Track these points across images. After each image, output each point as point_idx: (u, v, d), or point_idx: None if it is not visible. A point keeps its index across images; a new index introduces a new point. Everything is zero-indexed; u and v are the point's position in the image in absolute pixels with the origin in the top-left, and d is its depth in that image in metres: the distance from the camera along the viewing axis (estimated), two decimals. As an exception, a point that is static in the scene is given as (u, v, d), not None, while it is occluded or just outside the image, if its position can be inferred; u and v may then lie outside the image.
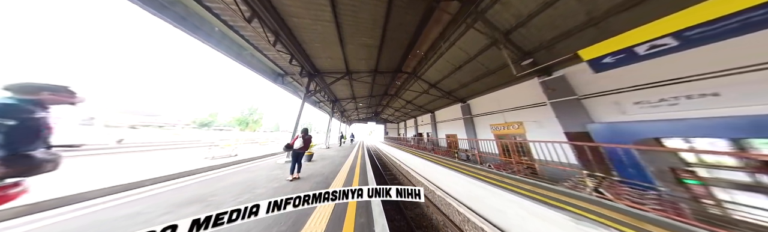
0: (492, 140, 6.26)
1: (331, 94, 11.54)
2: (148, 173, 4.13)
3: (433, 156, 6.91)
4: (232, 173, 4.24)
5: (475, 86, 7.82)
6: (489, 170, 4.33)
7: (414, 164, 6.95)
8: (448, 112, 11.90)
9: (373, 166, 7.11)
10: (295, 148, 3.75)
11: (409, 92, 11.81)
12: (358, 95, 13.27)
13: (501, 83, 6.94)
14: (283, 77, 6.87)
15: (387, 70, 8.54)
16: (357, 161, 6.77)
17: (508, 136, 6.49)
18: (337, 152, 9.17)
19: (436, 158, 6.51)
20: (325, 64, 7.00)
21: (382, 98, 15.69)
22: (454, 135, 10.89)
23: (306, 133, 4.06)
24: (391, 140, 20.80)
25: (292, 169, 3.68)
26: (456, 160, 6.24)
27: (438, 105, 12.69)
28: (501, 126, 6.83)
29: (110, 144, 9.84)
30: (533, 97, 5.67)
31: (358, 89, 11.54)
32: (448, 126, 12.00)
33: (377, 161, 11.42)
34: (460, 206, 3.66)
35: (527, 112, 6.01)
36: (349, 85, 10.24)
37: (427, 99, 12.19)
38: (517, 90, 6.47)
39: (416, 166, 7.06)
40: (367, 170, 4.95)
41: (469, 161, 6.60)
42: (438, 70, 7.80)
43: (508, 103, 6.75)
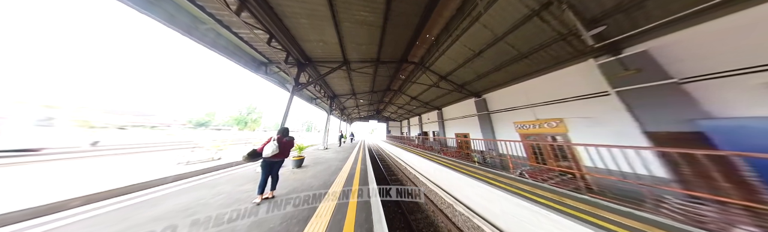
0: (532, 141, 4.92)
1: (328, 90, 10.40)
2: (86, 188, 3.12)
3: (445, 160, 5.79)
4: (187, 188, 3.14)
5: (495, 77, 6.61)
6: (524, 181, 3.21)
7: (425, 169, 5.84)
8: (459, 109, 10.73)
9: (377, 173, 6.02)
10: (266, 156, 2.62)
11: (416, 86, 10.64)
12: (359, 91, 12.12)
13: (532, 71, 5.67)
14: (266, 66, 5.73)
15: (391, 59, 7.36)
16: (357, 165, 5.67)
17: (540, 136, 5.31)
18: (335, 154, 8.09)
19: (449, 161, 5.39)
20: (317, 51, 5.85)
21: (384, 94, 14.53)
22: (466, 134, 9.75)
23: (285, 134, 2.95)
24: (394, 139, 19.69)
25: (262, 186, 2.57)
26: (475, 164, 5.10)
27: (447, 101, 11.51)
28: (530, 124, 5.66)
29: (83, 147, 8.85)
30: (582, 86, 4.45)
31: (358, 83, 10.38)
32: (458, 124, 10.85)
33: (380, 164, 10.33)
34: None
35: (572, 106, 4.77)
36: (347, 79, 9.09)
37: (434, 94, 11.01)
38: (556, 79, 5.23)
39: (428, 172, 5.94)
40: (369, 179, 3.84)
41: (486, 165, 5.47)
42: (451, 59, 6.61)
43: (541, 95, 5.57)
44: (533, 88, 5.88)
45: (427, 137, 16.46)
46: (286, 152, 2.92)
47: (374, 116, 26.49)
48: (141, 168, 5.34)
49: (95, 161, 6.57)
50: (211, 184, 3.33)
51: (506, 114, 6.92)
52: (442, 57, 6.70)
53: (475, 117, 8.85)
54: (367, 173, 4.40)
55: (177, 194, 2.86)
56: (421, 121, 17.95)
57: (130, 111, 39.01)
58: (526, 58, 5.00)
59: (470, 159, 7.15)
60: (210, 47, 3.90)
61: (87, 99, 59.20)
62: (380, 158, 12.47)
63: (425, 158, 6.89)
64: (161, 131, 27.37)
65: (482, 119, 7.93)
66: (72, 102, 20.36)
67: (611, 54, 3.55)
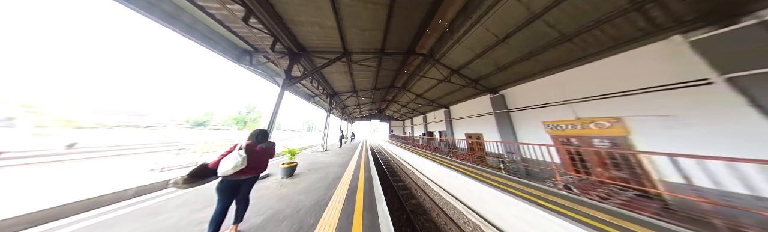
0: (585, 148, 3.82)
1: (327, 86, 9.52)
2: None
3: (459, 164, 4.90)
4: (122, 216, 2.26)
5: (521, 68, 5.66)
6: (574, 198, 2.34)
7: (436, 175, 4.97)
8: (471, 107, 9.81)
9: (382, 181, 5.16)
10: (224, 173, 1.72)
11: (422, 82, 9.74)
12: (360, 88, 11.23)
13: (575, 58, 4.62)
14: (252, 56, 4.84)
15: (397, 50, 6.46)
16: (359, 173, 4.80)
17: (582, 138, 4.35)
18: (335, 158, 7.23)
19: (464, 166, 4.51)
20: (312, 38, 4.96)
21: (387, 92, 13.63)
22: (478, 135, 8.85)
23: (259, 139, 2.07)
24: (397, 140, 18.81)
25: (217, 221, 1.66)
26: (502, 172, 4.21)
27: (456, 98, 10.60)
28: (567, 124, 4.72)
29: (56, 149, 8.04)
30: (655, 74, 3.41)
31: (360, 79, 9.49)
32: (468, 124, 9.95)
33: (384, 166, 9.47)
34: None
35: (636, 102, 3.72)
36: (347, 74, 8.20)
37: (442, 91, 10.11)
38: (611, 66, 4.14)
39: (440, 178, 5.06)
40: (375, 195, 2.96)
41: (508, 172, 4.59)
42: (467, 48, 5.69)
43: (584, 89, 4.60)
44: (573, 80, 4.91)
45: (433, 137, 15.56)
46: (261, 164, 2.04)
47: (376, 116, 25.64)
48: (105, 176, 4.50)
49: (60, 166, 5.75)
50: (156, 209, 2.43)
51: (532, 112, 6.00)
52: (456, 46, 5.77)
53: (490, 116, 7.94)
54: (373, 185, 3.52)
55: (97, 228, 1.98)
56: (426, 120, 17.05)
57: (124, 111, 38.21)
58: (569, 41, 4.05)
59: (485, 163, 6.27)
60: (167, 25, 3.00)
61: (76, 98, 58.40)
62: (384, 160, 11.60)
63: (434, 161, 6.01)
64: (156, 131, 26.70)
65: (500, 118, 7.03)
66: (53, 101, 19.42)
67: (719, 24, 2.54)
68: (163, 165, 5.20)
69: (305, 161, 6.48)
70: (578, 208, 2.28)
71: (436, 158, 6.68)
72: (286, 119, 77.70)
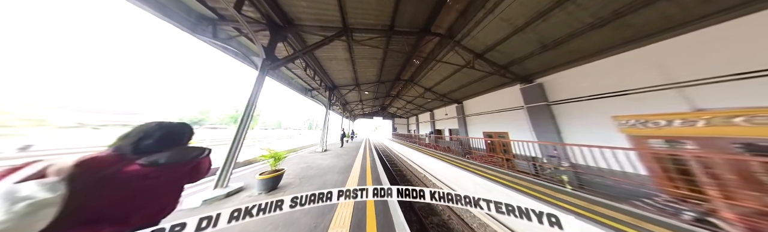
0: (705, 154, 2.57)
1: (325, 77, 8.28)
2: None
3: (487, 170, 3.69)
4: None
5: (586, 41, 4.17)
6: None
7: (459, 182, 3.78)
8: (491, 101, 8.55)
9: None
10: None
11: (433, 74, 8.48)
12: (363, 80, 9.99)
13: (696, 18, 3.08)
14: (215, 25, 3.54)
15: (410, 28, 5.19)
16: (366, 182, 3.62)
17: (708, 141, 2.63)
18: (335, 160, 6.06)
19: (496, 173, 3.31)
20: (301, 5, 3.69)
21: (392, 86, 12.36)
22: (501, 134, 7.61)
23: (155, 142, 0.88)
24: (402, 138, 17.62)
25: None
26: (566, 186, 3.04)
27: (473, 91, 9.32)
28: (674, 119, 2.93)
29: (6, 153, 6.93)
30: None
31: (363, 70, 8.24)
32: (488, 121, 8.70)
33: (390, 167, 8.31)
34: None
35: None
36: (349, 61, 6.95)
37: (456, 83, 8.84)
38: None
39: (465, 187, 3.86)
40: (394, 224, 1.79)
41: (572, 186, 3.42)
42: (506, 21, 4.40)
43: (711, 64, 3.09)
44: (686, 51, 3.28)
45: (442, 135, 14.35)
46: (156, 202, 0.85)
47: (379, 113, 24.42)
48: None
49: None
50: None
51: (591, 104, 4.68)
52: (486, 20, 4.48)
53: (519, 111, 6.69)
54: (388, 207, 2.33)
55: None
56: (434, 117, 15.82)
57: (112, 109, 37.02)
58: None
59: (512, 166, 5.05)
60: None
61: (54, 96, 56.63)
62: (390, 161, 10.43)
63: (452, 164, 4.82)
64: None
65: (536, 113, 5.76)
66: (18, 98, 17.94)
67: None
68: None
69: (299, 165, 5.31)
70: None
71: (454, 161, 5.48)
72: (287, 117, 76.76)
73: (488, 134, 8.63)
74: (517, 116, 6.79)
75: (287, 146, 11.42)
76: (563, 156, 4.48)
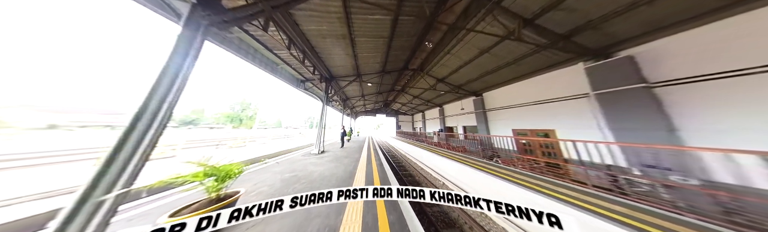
0: None
1: (319, 62, 6.76)
2: None
3: (534, 181, 2.21)
4: None
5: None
6: None
7: (502, 196, 2.35)
8: (526, 90, 7.01)
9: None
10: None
11: (455, 56, 6.91)
12: (366, 69, 8.45)
13: None
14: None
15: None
16: (379, 213, 2.15)
17: None
18: (332, 165, 4.58)
19: (554, 188, 1.83)
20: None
21: (399, 77, 10.80)
22: (546, 131, 6.08)
23: None
24: (407, 136, 16.11)
25: None
26: None
27: (498, 80, 7.76)
28: None
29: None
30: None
31: (366, 54, 6.72)
32: (519, 115, 7.17)
33: (400, 173, 6.86)
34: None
35: None
36: (348, 40, 5.42)
37: (478, 70, 7.30)
38: None
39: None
40: None
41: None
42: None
43: None
44: None
45: (454, 133, 12.84)
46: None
47: (381, 110, 22.92)
48: None
49: None
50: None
51: (747, 80, 2.85)
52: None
53: (578, 100, 5.15)
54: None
55: None
56: (444, 113, 14.30)
57: (96, 109, 35.18)
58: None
59: (566, 174, 3.48)
60: None
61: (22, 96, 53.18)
62: (398, 165, 9.00)
63: (484, 170, 3.35)
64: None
65: (616, 101, 4.08)
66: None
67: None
68: None
69: (281, 176, 3.84)
70: None
71: (483, 166, 4.01)
72: (288, 116, 75.43)
73: (520, 132, 7.10)
74: (572, 107, 5.23)
75: (278, 147, 9.91)
76: (680, 166, 2.96)
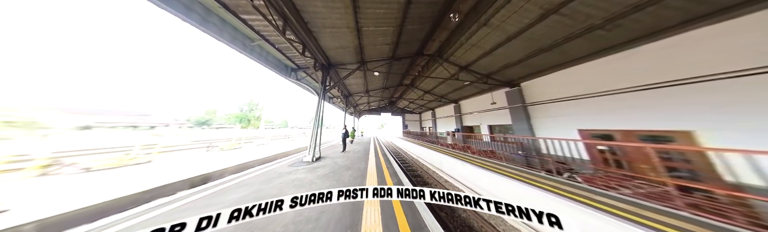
0: None
1: (311, 40, 5.08)
2: None
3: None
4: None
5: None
6: None
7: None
8: (596, 79, 5.06)
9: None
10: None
11: (498, 30, 5.06)
12: (371, 56, 6.73)
13: None
14: None
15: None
16: None
17: None
18: (324, 183, 2.90)
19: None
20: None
21: (411, 66, 8.99)
22: (657, 134, 4.07)
23: None
24: (415, 137, 14.26)
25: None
26: None
27: (554, 61, 5.84)
28: None
29: None
30: None
31: (373, 28, 5.01)
32: (593, 109, 5.21)
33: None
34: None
35: None
36: (349, 3, 3.70)
37: (526, 48, 5.47)
38: None
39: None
40: None
41: None
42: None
43: None
44: None
45: (474, 134, 10.92)
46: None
47: (386, 108, 21.15)
48: None
49: None
50: None
51: None
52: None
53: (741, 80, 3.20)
54: None
55: None
56: (460, 110, 12.37)
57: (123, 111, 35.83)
58: None
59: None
60: None
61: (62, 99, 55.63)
62: (422, 183, 7.26)
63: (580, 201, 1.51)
64: (147, 132, 24.11)
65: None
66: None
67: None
68: None
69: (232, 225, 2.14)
70: None
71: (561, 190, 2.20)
72: (294, 116, 75.15)
73: (598, 134, 5.06)
74: (729, 90, 3.18)
75: (271, 151, 8.21)
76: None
